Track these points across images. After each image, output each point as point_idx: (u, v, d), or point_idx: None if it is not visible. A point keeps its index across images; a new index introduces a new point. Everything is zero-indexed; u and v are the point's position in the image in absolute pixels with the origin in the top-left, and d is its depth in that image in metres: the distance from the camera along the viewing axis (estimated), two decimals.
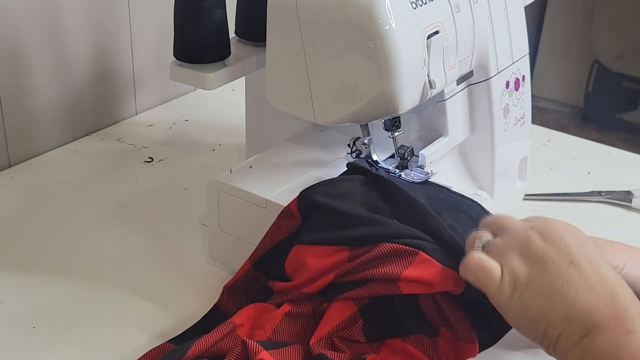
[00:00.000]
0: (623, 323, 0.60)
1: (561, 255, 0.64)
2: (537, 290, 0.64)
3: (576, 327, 0.61)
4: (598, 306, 0.61)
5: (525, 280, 0.64)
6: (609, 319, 0.60)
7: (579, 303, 0.62)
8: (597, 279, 0.63)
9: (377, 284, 0.71)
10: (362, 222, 0.73)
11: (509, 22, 0.88)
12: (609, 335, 0.60)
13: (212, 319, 0.77)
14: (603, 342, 0.59)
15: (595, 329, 0.60)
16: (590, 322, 0.61)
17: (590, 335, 0.60)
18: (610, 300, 0.62)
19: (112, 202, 1.00)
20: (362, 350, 0.72)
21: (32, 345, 0.77)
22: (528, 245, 0.65)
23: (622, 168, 1.15)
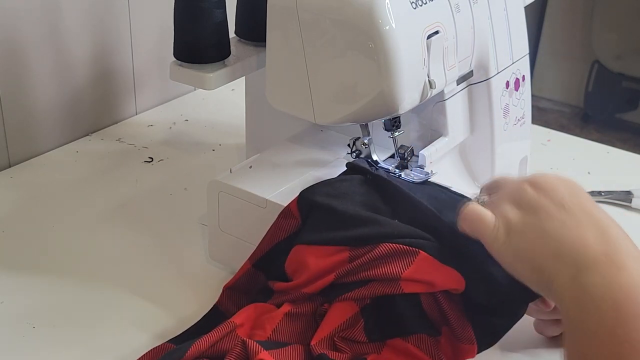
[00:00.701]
0: (614, 258, 0.60)
1: (552, 201, 0.65)
2: (529, 233, 0.64)
3: (567, 264, 0.61)
4: (588, 243, 0.61)
5: (517, 225, 0.65)
6: (600, 255, 0.60)
7: (569, 240, 0.62)
8: (588, 219, 0.63)
9: (379, 283, 0.71)
10: (363, 222, 0.73)
11: (509, 22, 0.88)
12: (601, 272, 0.59)
13: (212, 319, 0.77)
14: (596, 281, 0.59)
15: (587, 266, 0.60)
16: (580, 258, 0.61)
17: (582, 273, 0.60)
18: (601, 237, 0.62)
19: (112, 202, 1.00)
20: (363, 351, 0.72)
21: (32, 345, 0.77)
22: (520, 194, 0.66)
23: (622, 168, 1.15)
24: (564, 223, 0.63)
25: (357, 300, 0.72)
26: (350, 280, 0.72)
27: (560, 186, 0.66)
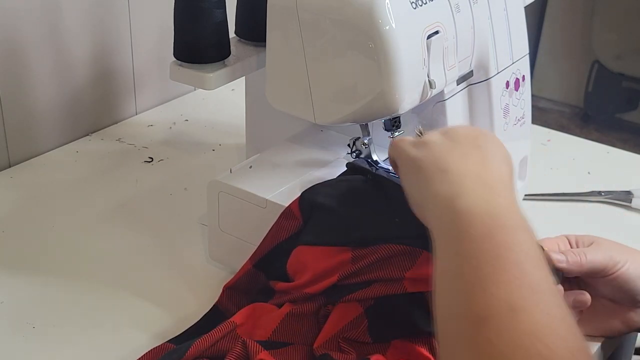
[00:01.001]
0: (487, 183, 0.63)
1: (474, 141, 0.68)
2: (434, 149, 0.68)
3: (450, 181, 0.64)
4: (480, 177, 0.64)
5: (429, 142, 0.68)
6: (484, 186, 0.63)
7: (464, 167, 0.65)
8: (492, 168, 0.66)
9: (382, 284, 0.71)
10: (364, 223, 0.73)
11: (509, 22, 0.88)
12: (479, 194, 0.62)
13: (212, 319, 0.77)
14: (472, 198, 0.62)
15: (468, 186, 0.63)
16: (465, 181, 0.63)
17: (462, 191, 0.62)
18: (482, 165, 0.65)
19: (112, 202, 1.00)
20: (368, 351, 0.72)
21: (32, 345, 0.77)
22: (452, 128, 0.72)
23: (622, 168, 1.15)
24: (470, 155, 0.66)
25: (361, 301, 0.72)
26: (353, 282, 0.72)
27: (490, 139, 0.69)
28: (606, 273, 0.73)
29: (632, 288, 0.74)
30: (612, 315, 0.77)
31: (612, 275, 0.73)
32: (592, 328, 0.77)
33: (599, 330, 0.77)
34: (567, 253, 0.73)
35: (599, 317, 0.77)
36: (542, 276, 0.57)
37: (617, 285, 0.74)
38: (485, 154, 0.67)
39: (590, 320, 0.77)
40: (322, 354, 0.69)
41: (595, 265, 0.73)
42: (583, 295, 0.74)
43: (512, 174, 0.68)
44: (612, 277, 0.73)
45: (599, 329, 0.77)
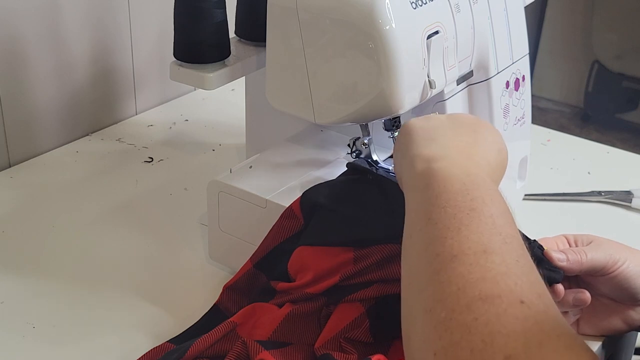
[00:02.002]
0: (465, 152, 0.65)
1: (475, 126, 0.70)
2: (431, 122, 0.70)
3: (434, 150, 0.65)
4: (466, 156, 0.65)
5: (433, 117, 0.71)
6: (454, 148, 0.65)
7: (453, 144, 0.66)
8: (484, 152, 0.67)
9: (384, 284, 0.71)
10: (366, 223, 0.73)
11: (509, 22, 0.88)
12: (457, 163, 0.63)
13: (212, 319, 0.77)
14: (448, 165, 0.63)
15: (449, 157, 0.64)
16: (449, 153, 0.65)
17: (443, 159, 0.64)
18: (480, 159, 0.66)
19: (112, 202, 1.00)
20: (369, 351, 0.72)
21: (32, 345, 0.77)
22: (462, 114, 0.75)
23: (622, 168, 1.15)
24: (465, 136, 0.68)
25: (362, 301, 0.72)
26: (354, 282, 0.72)
27: (467, 115, 0.72)
28: (606, 271, 0.73)
29: (631, 286, 0.74)
30: (612, 314, 0.77)
31: (611, 273, 0.73)
32: (592, 327, 0.77)
33: (599, 329, 0.77)
34: (567, 252, 0.73)
35: (599, 315, 0.77)
36: (514, 233, 0.58)
37: (617, 283, 0.74)
38: (478, 139, 0.68)
39: (591, 318, 0.77)
40: (323, 354, 0.69)
41: (595, 263, 0.73)
42: (583, 293, 0.74)
43: (502, 165, 0.69)
44: (612, 276, 0.73)
45: (599, 328, 0.77)
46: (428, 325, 0.52)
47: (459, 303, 0.51)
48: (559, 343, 0.48)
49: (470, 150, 0.66)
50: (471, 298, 0.51)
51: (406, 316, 0.57)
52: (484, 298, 0.51)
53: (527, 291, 0.52)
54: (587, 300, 0.74)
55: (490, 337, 0.49)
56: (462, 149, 0.66)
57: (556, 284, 0.71)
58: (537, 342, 0.48)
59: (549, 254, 0.72)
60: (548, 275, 0.70)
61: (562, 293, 0.72)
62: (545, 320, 0.50)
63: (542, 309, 0.51)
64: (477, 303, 0.51)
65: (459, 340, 0.49)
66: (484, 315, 0.50)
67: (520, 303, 0.50)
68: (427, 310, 0.53)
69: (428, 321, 0.52)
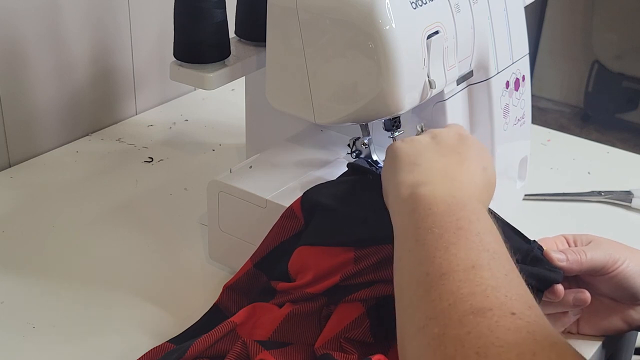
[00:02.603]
0: (449, 176, 0.66)
1: (460, 146, 0.71)
2: (415, 146, 0.72)
3: (419, 172, 0.67)
4: (450, 179, 0.66)
5: (415, 140, 0.72)
6: (451, 188, 0.65)
7: (437, 166, 0.67)
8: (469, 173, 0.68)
9: (384, 284, 0.71)
10: (367, 223, 0.73)
11: (509, 22, 0.88)
12: (442, 188, 0.64)
13: (212, 319, 0.77)
14: (434, 189, 0.64)
15: (435, 182, 0.65)
16: (433, 177, 0.66)
17: (428, 184, 0.65)
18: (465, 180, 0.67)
19: (112, 202, 1.00)
20: (370, 351, 0.72)
21: (32, 345, 0.77)
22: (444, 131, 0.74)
23: (622, 168, 1.15)
24: (449, 157, 0.69)
25: (363, 301, 0.72)
26: (355, 282, 0.72)
27: (477, 146, 0.72)
28: (606, 271, 0.73)
29: (631, 285, 0.74)
30: (612, 313, 0.77)
31: (611, 273, 0.73)
32: (592, 326, 0.77)
33: (599, 329, 0.77)
34: (566, 252, 0.73)
35: (599, 315, 0.77)
36: (502, 250, 0.59)
37: (616, 282, 0.74)
38: (462, 159, 0.69)
39: (591, 318, 0.77)
40: (324, 353, 0.69)
41: (595, 263, 0.73)
42: (583, 293, 0.74)
43: (489, 182, 0.70)
44: (612, 275, 0.73)
45: (599, 328, 0.77)
46: (422, 342, 0.53)
47: (452, 318, 0.52)
48: (551, 352, 0.49)
49: (454, 173, 0.67)
50: (463, 312, 0.52)
51: (401, 334, 0.58)
52: (475, 312, 0.52)
53: (518, 303, 0.53)
54: (587, 300, 0.74)
55: (484, 349, 0.49)
56: (446, 172, 0.67)
57: (556, 284, 0.71)
58: (531, 352, 0.49)
59: (548, 254, 0.72)
60: (548, 275, 0.71)
61: (562, 293, 0.72)
62: (537, 330, 0.51)
63: (534, 320, 0.52)
64: (468, 317, 0.52)
65: (453, 355, 0.50)
66: (477, 328, 0.51)
67: (511, 315, 0.51)
68: (421, 328, 0.54)
69: (422, 338, 0.53)
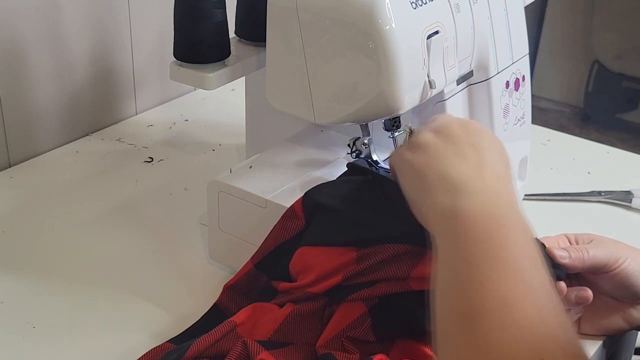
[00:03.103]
0: (487, 185, 0.64)
1: (469, 138, 0.69)
2: (431, 153, 0.68)
3: (451, 184, 0.65)
4: (479, 179, 0.65)
5: (424, 143, 0.69)
6: (484, 189, 0.64)
7: (462, 170, 0.66)
8: (489, 168, 0.66)
9: (387, 283, 0.71)
10: (369, 223, 0.73)
11: (509, 22, 0.88)
12: (479, 196, 0.63)
13: (212, 319, 0.77)
14: (472, 199, 0.63)
15: (468, 191, 0.64)
16: (465, 185, 0.64)
17: (462, 194, 0.63)
18: (492, 182, 0.65)
19: (112, 202, 1.00)
20: (372, 350, 0.72)
21: (32, 345, 0.77)
22: (445, 124, 0.71)
23: (622, 168, 1.15)
24: (466, 156, 0.67)
25: (365, 300, 0.72)
26: (357, 282, 0.72)
27: (483, 132, 0.70)
28: (608, 269, 0.73)
29: (633, 284, 0.74)
30: (613, 312, 0.77)
31: (613, 271, 0.73)
32: (593, 325, 0.77)
33: (600, 328, 0.78)
34: (569, 249, 0.73)
35: (600, 314, 0.77)
36: (538, 273, 0.58)
37: (618, 281, 0.74)
38: (481, 152, 0.68)
39: (592, 317, 0.77)
40: (325, 353, 0.69)
41: (597, 261, 0.73)
42: (585, 291, 0.74)
43: (508, 168, 0.69)
44: (614, 273, 0.73)
45: (601, 327, 0.77)
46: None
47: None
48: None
49: (481, 175, 0.65)
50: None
51: (438, 345, 0.59)
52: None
53: (549, 345, 0.53)
54: (589, 297, 0.74)
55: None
56: (474, 176, 0.65)
57: (559, 281, 0.71)
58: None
59: (551, 252, 0.72)
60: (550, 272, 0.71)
61: (564, 290, 0.72)
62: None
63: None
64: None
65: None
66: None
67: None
68: (454, 357, 0.55)
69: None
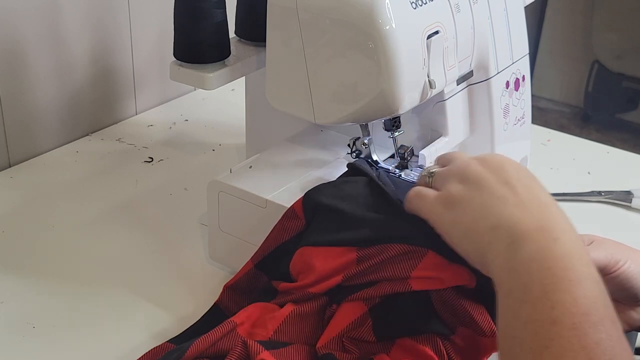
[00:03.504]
0: (550, 231, 0.61)
1: (497, 177, 0.66)
2: (469, 206, 0.66)
3: (503, 235, 0.62)
4: (526, 217, 0.63)
5: (458, 199, 0.66)
6: (536, 228, 0.62)
7: (508, 214, 0.63)
8: (530, 197, 0.64)
9: (387, 283, 0.71)
10: (370, 223, 0.73)
11: (509, 22, 0.88)
12: (535, 240, 0.61)
13: (212, 318, 0.77)
14: (528, 247, 0.61)
15: (522, 237, 0.62)
16: (517, 230, 0.62)
17: (517, 243, 0.62)
18: (540, 214, 0.63)
19: (112, 202, 1.00)
20: (372, 350, 0.71)
21: (32, 345, 0.77)
22: (467, 170, 0.68)
23: (622, 168, 1.15)
24: (504, 199, 0.65)
25: (365, 300, 0.72)
26: (358, 283, 0.72)
27: (506, 164, 0.68)
28: (607, 271, 0.73)
29: (633, 286, 0.74)
30: None
31: (613, 273, 0.73)
32: None
33: None
34: None
35: None
36: (601, 335, 0.56)
37: (618, 283, 0.74)
38: (515, 187, 0.65)
39: None
40: (325, 353, 0.69)
41: (597, 263, 0.73)
42: None
43: (541, 186, 0.67)
44: (614, 276, 0.73)
45: None
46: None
47: None
48: None
49: (524, 209, 0.63)
50: None
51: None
52: None
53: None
54: None
55: None
56: (518, 215, 0.63)
57: None
58: None
59: None
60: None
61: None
62: None
63: None
64: None
65: None
66: None
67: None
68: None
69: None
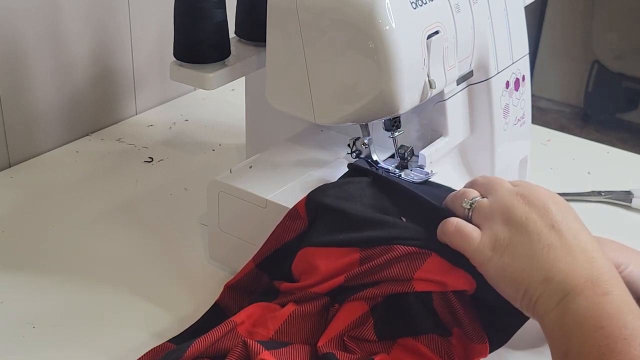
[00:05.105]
0: (599, 285, 0.62)
1: (543, 220, 0.66)
2: (517, 253, 0.66)
3: (555, 289, 0.63)
4: (576, 269, 0.63)
5: (506, 243, 0.66)
6: (586, 282, 0.63)
7: (558, 266, 0.64)
8: (576, 244, 0.65)
9: (390, 283, 0.71)
10: (373, 224, 0.73)
11: (509, 22, 0.88)
12: (586, 296, 0.62)
13: (212, 318, 0.77)
14: (580, 303, 0.62)
15: (573, 291, 0.62)
16: (568, 284, 0.63)
17: (569, 297, 0.62)
18: (588, 263, 0.64)
19: (112, 202, 1.00)
20: (373, 350, 0.72)
21: (32, 345, 0.77)
22: (512, 210, 0.67)
23: (622, 168, 1.15)
24: (553, 246, 0.65)
25: (367, 300, 0.72)
26: (360, 283, 0.72)
27: (550, 204, 0.68)
28: None
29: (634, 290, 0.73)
30: None
31: None
32: None
33: None
34: None
35: None
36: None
37: None
38: (561, 230, 0.66)
39: None
40: (326, 352, 0.69)
41: None
42: None
43: (583, 226, 0.68)
44: None
45: None
46: None
47: None
48: None
49: (573, 258, 0.64)
50: None
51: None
52: None
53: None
54: None
55: None
56: (567, 265, 0.64)
57: None
58: None
59: None
60: None
61: None
62: None
63: None
64: None
65: None
66: None
67: None
68: None
69: None
